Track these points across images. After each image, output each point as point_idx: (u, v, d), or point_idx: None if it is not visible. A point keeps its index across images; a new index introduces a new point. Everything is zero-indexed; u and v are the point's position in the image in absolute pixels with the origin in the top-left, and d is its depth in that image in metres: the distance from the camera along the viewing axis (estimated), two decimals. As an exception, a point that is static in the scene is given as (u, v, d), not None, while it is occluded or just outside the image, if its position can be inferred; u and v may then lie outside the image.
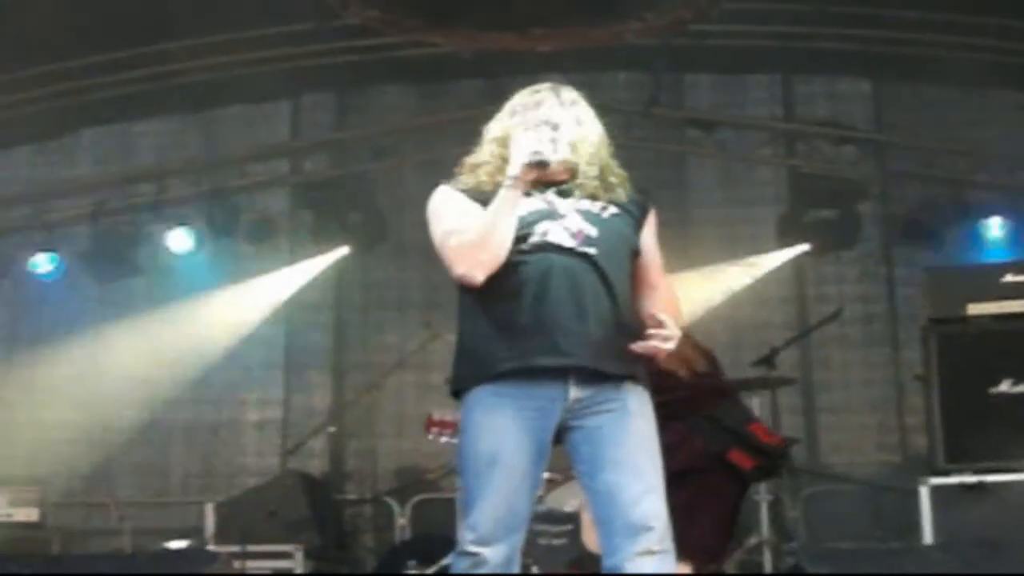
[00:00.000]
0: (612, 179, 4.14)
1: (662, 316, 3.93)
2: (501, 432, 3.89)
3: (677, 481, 4.24)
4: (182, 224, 11.30)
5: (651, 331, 3.92)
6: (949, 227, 10.84)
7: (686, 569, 5.86)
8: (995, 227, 10.66)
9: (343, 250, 11.59)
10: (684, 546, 4.07)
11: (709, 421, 6.36)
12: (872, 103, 11.81)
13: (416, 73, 11.51)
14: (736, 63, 11.44)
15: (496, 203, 3.97)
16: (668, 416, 4.35)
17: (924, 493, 7.11)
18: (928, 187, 11.12)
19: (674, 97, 11.86)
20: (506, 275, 3.96)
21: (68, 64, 10.55)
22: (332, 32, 10.34)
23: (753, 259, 11.40)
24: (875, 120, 11.75)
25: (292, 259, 11.86)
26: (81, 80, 10.72)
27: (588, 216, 4.05)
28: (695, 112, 11.76)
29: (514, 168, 3.97)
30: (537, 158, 3.94)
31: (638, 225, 4.16)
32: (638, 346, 3.93)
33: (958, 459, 7.22)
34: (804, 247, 11.30)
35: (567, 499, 7.89)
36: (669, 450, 4.07)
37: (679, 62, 11.21)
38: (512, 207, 3.97)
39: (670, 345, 3.93)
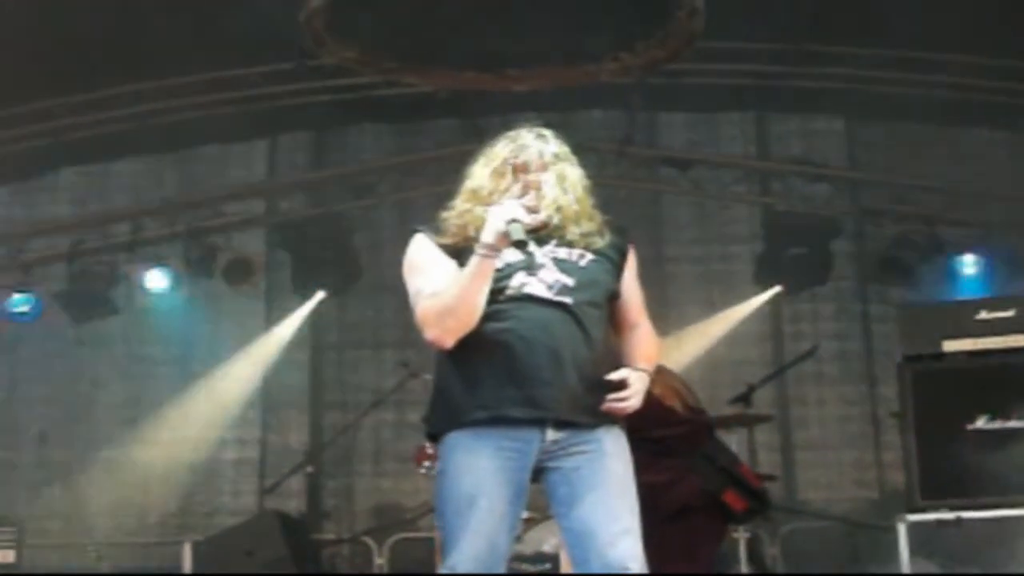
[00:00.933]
0: (591, 226, 4.11)
1: (624, 374, 3.95)
2: (480, 472, 3.89)
3: (672, 520, 4.20)
4: (159, 264, 11.29)
5: (610, 395, 3.93)
6: (923, 264, 10.87)
7: None
8: (969, 264, 10.70)
9: (319, 295, 11.63)
10: None
11: (705, 460, 6.32)
12: (845, 141, 11.89)
13: (392, 112, 11.53)
14: (710, 102, 11.50)
15: (469, 269, 3.92)
16: (664, 452, 4.32)
17: (902, 530, 7.11)
18: (902, 224, 11.15)
19: (649, 135, 11.93)
20: (483, 326, 3.95)
21: (45, 104, 10.55)
22: (309, 72, 10.36)
23: (727, 312, 11.44)
24: (849, 158, 11.83)
25: (269, 299, 11.86)
26: (58, 120, 10.72)
27: (564, 265, 4.04)
28: (670, 150, 11.83)
29: (488, 236, 3.90)
30: (514, 236, 3.85)
31: (617, 269, 4.15)
32: (604, 407, 3.94)
33: (935, 496, 7.20)
34: (777, 288, 11.34)
35: (546, 538, 7.87)
36: (666, 488, 4.06)
37: (654, 101, 11.25)
38: (485, 276, 3.92)
39: (633, 403, 3.95)
